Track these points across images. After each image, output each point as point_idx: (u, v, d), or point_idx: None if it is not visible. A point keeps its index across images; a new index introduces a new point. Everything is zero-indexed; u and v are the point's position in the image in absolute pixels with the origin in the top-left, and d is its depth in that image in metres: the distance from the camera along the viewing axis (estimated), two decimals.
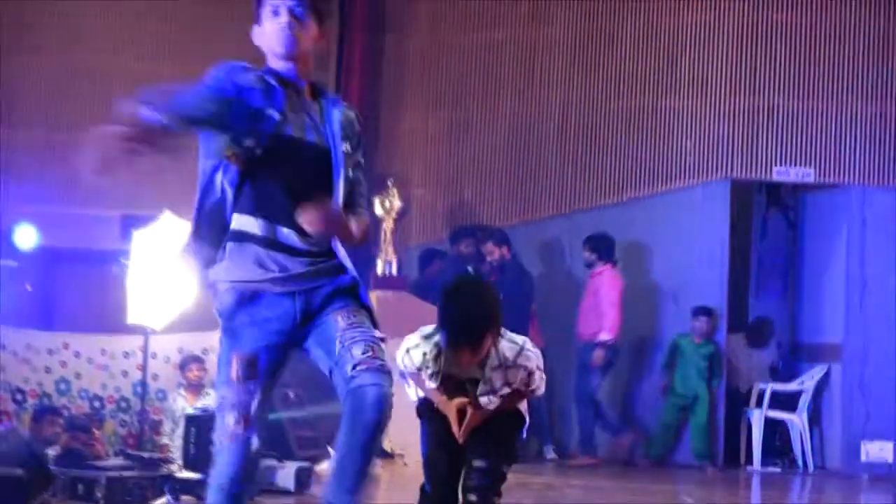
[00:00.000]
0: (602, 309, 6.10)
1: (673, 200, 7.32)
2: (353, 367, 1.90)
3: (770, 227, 8.18)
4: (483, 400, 2.78)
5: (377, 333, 1.98)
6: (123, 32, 8.11)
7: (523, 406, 2.87)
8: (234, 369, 1.99)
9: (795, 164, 7.20)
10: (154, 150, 1.83)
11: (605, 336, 6.03)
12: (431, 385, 2.80)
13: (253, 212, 1.98)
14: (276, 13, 2.09)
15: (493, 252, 6.70)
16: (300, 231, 1.97)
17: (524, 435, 2.88)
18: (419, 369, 2.76)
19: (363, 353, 1.91)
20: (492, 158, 7.73)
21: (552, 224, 7.26)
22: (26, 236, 7.24)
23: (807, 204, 7.90)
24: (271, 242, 1.98)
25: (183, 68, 7.60)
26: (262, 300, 1.99)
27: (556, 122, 7.60)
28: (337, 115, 2.12)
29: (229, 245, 2.00)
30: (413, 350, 2.71)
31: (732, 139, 7.25)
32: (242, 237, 1.98)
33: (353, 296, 2.03)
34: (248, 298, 2.00)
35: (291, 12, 2.08)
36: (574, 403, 6.27)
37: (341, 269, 2.04)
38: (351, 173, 2.10)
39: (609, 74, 7.51)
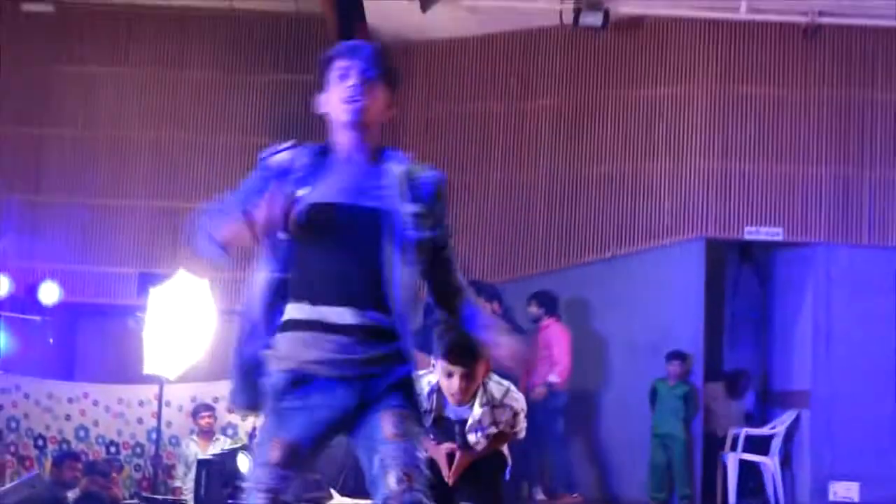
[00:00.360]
0: (554, 359, 6.42)
1: (651, 258, 7.56)
2: (385, 500, 1.77)
3: (742, 282, 8.51)
4: (471, 438, 2.98)
5: (419, 452, 1.81)
6: (133, 103, 8.34)
7: (506, 449, 3.03)
8: (274, 454, 1.84)
9: (765, 224, 7.47)
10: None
11: (553, 378, 6.33)
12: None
13: (300, 296, 1.81)
14: (344, 77, 1.89)
15: (485, 307, 6.97)
16: (356, 304, 1.78)
17: (508, 476, 3.08)
18: None
19: (397, 484, 1.75)
20: (484, 219, 7.95)
21: (540, 280, 7.41)
22: (49, 293, 7.56)
23: (776, 261, 8.17)
24: (323, 324, 1.79)
25: (190, 134, 8.27)
26: (315, 385, 1.82)
27: (543, 186, 7.89)
28: (397, 173, 1.89)
29: (282, 330, 1.84)
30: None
31: (706, 201, 7.50)
32: (293, 323, 1.82)
33: (406, 394, 1.84)
34: (299, 381, 1.83)
35: (362, 75, 1.88)
36: (548, 448, 6.62)
37: (401, 356, 1.84)
38: (421, 233, 1.84)
39: (591, 142, 7.81)
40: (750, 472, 7.41)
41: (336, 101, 1.85)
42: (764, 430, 7.56)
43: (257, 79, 8.48)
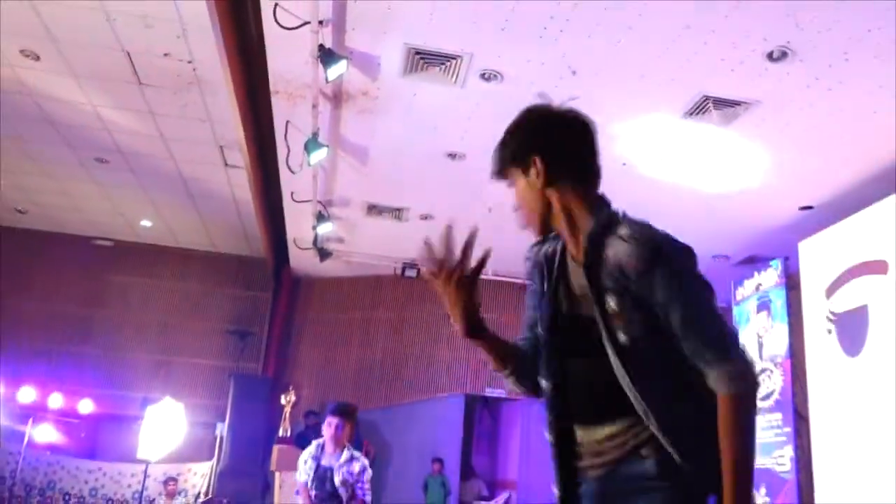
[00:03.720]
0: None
1: (432, 403, 9.84)
2: None
3: (484, 419, 10.81)
4: (341, 491, 3.37)
5: None
6: (152, 301, 10.69)
7: None
8: None
9: (496, 387, 9.94)
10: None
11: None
12: (306, 478, 3.48)
13: (547, 420, 1.43)
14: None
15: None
16: (590, 425, 1.33)
17: None
18: (306, 475, 3.41)
19: None
20: (347, 375, 10.36)
21: (374, 412, 9.31)
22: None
23: (502, 408, 10.60)
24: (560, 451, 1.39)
25: (181, 319, 10.65)
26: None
27: (380, 357, 10.41)
28: (603, 262, 1.35)
29: None
30: (301, 461, 3.55)
31: (466, 373, 10.11)
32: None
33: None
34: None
35: (512, 186, 1.53)
36: None
37: (652, 481, 1.23)
38: (638, 329, 1.27)
39: (407, 337, 10.39)
40: None
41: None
42: (492, 503, 9.76)
43: (225, 291, 11.08)
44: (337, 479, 3.34)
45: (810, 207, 7.51)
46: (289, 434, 8.99)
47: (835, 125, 5.94)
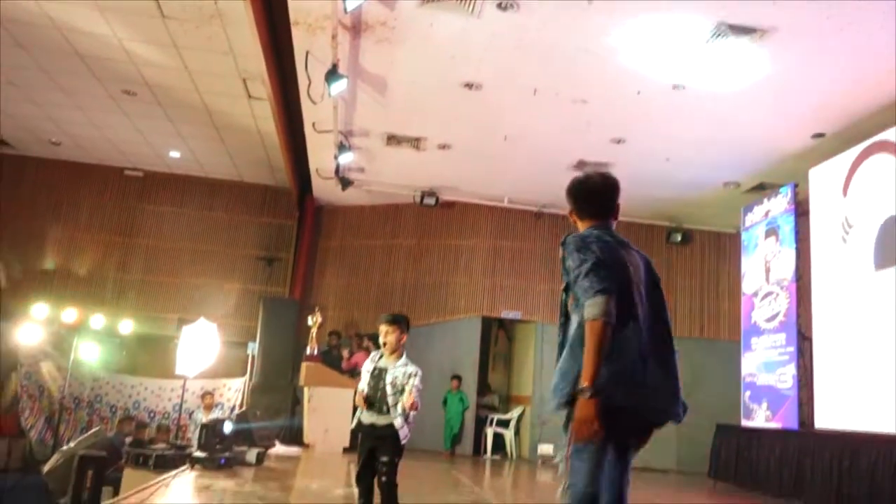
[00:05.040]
0: None
1: (454, 324, 9.86)
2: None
3: (500, 339, 10.92)
4: (388, 389, 3.43)
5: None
6: (183, 227, 10.65)
7: (400, 426, 3.38)
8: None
9: (512, 309, 10.01)
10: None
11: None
12: (365, 378, 3.49)
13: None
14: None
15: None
16: None
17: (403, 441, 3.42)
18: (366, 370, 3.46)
19: None
20: (372, 293, 10.46)
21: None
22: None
23: (517, 329, 10.63)
24: None
25: (211, 245, 10.63)
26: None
27: (400, 283, 10.44)
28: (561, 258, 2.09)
29: None
30: (364, 370, 3.57)
31: (483, 296, 10.05)
32: None
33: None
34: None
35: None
36: None
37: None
38: (565, 294, 2.04)
39: (425, 264, 10.40)
40: (497, 438, 9.77)
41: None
42: (506, 416, 9.89)
43: (252, 218, 11.16)
44: (388, 379, 3.43)
45: (822, 135, 7.39)
46: (315, 352, 9.08)
47: (848, 55, 5.78)
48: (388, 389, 3.45)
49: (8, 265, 10.02)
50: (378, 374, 3.48)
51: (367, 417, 3.51)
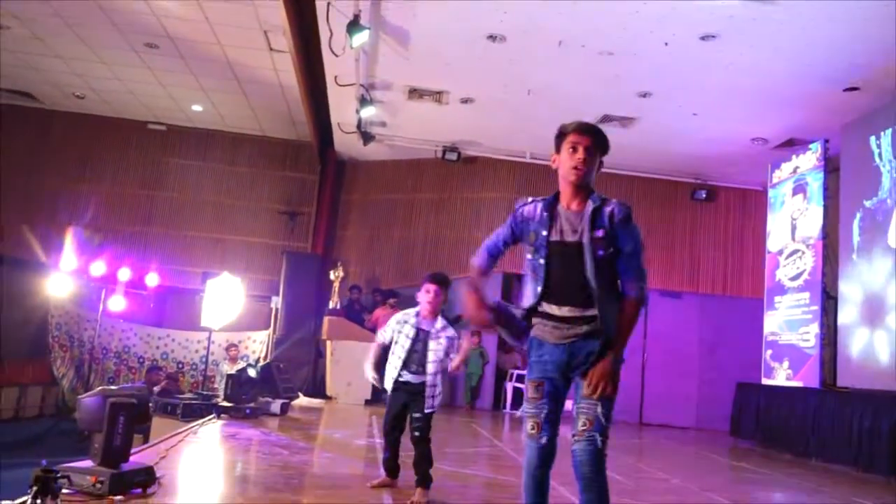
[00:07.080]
0: None
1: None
2: (574, 436, 2.05)
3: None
4: (430, 356, 3.48)
5: (598, 407, 2.04)
6: (206, 181, 10.64)
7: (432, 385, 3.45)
8: (529, 391, 2.14)
9: None
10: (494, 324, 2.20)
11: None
12: (386, 340, 3.59)
13: (547, 298, 2.11)
14: (574, 150, 2.13)
15: (386, 304, 9.01)
16: (570, 305, 2.08)
17: (434, 403, 3.51)
18: (392, 336, 3.52)
19: (581, 426, 2.03)
20: (393, 248, 10.40)
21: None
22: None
23: None
24: (551, 315, 2.10)
25: (234, 199, 10.71)
26: (545, 347, 2.12)
27: (421, 236, 10.34)
28: (588, 213, 2.09)
29: (535, 315, 2.15)
30: (394, 322, 3.58)
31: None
32: (541, 314, 2.13)
33: (599, 359, 2.06)
34: (538, 345, 2.15)
35: (587, 150, 2.12)
36: None
37: (597, 334, 2.06)
38: (602, 251, 2.05)
39: (448, 217, 10.28)
40: (518, 392, 9.44)
41: (567, 166, 2.12)
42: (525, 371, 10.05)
43: (275, 173, 11.16)
44: (431, 345, 3.47)
45: (856, 88, 7.18)
46: (338, 307, 9.25)
47: (886, 5, 5.55)
48: (431, 356, 3.48)
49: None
50: (421, 338, 3.50)
51: (403, 375, 3.55)
